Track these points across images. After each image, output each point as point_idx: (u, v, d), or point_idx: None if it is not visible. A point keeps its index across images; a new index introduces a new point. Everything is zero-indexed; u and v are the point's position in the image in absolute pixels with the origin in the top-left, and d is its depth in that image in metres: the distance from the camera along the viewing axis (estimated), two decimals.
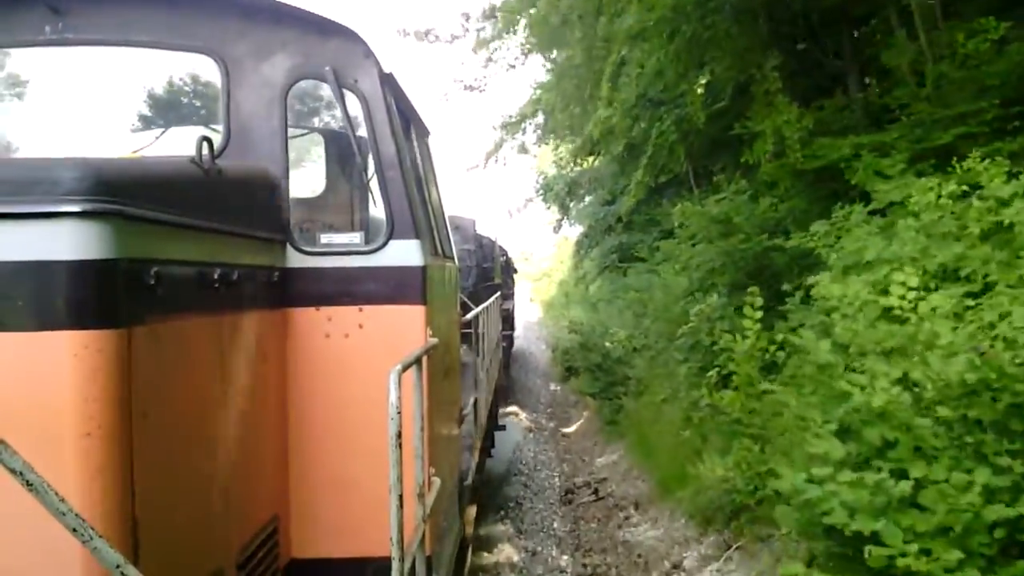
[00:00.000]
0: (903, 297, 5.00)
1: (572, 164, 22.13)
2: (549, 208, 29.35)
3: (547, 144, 24.43)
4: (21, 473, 1.44)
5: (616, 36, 10.29)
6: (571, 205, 27.68)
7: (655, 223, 17.35)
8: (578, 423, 15.39)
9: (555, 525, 9.29)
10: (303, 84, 3.75)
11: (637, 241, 18.28)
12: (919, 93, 7.84)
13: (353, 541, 3.57)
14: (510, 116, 20.19)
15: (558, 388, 20.13)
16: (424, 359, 3.37)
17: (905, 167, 6.77)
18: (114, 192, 2.10)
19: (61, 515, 1.50)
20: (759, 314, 6.02)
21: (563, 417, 16.64)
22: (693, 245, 9.94)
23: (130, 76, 4.27)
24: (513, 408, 16.19)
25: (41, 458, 1.76)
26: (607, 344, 13.83)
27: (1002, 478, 3.09)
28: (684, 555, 6.92)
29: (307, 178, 5.28)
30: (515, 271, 27.11)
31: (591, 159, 20.31)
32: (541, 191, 27.70)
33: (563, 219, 29.45)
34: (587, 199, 26.08)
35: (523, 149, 27.67)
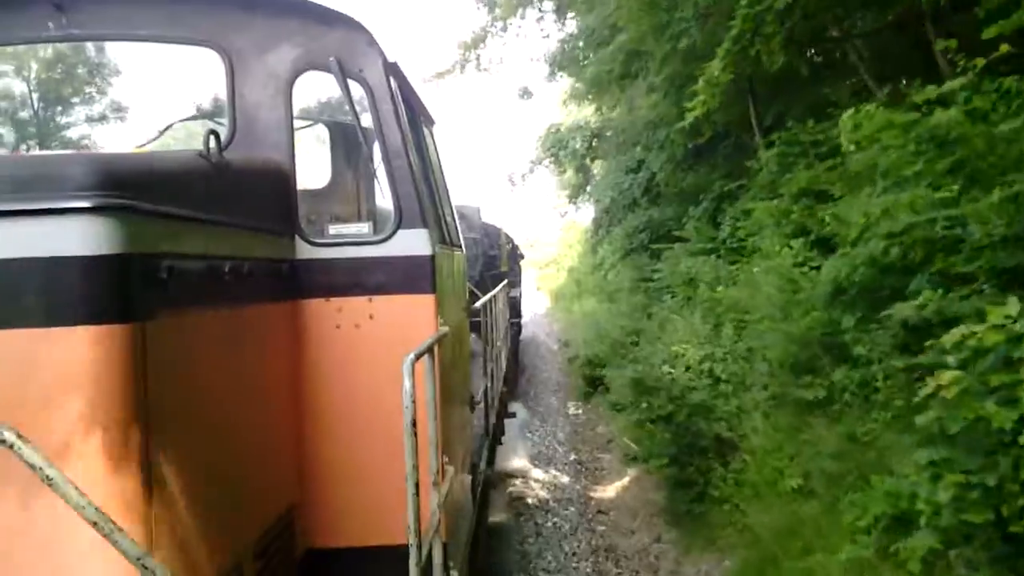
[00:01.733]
0: None
1: (595, 104, 16.90)
2: (563, 172, 23.40)
3: (563, 77, 18.96)
4: (40, 468, 1.46)
5: None
6: (592, 165, 21.89)
7: (706, 186, 13.13)
8: (619, 483, 9.88)
9: None
10: (308, 75, 3.74)
11: (672, 216, 14.38)
12: None
13: (368, 530, 3.59)
14: None
15: (580, 411, 14.54)
16: (436, 348, 3.38)
17: None
18: (124, 187, 2.11)
19: (81, 508, 1.51)
20: None
21: (593, 467, 10.99)
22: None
23: (135, 71, 4.27)
24: (520, 462, 10.64)
25: (58, 453, 1.78)
26: (669, 371, 8.70)
27: None
28: None
29: (313, 169, 5.28)
30: (521, 258, 26.89)
31: (622, 91, 14.61)
32: (553, 148, 21.62)
33: (581, 187, 23.73)
34: (596, 175, 21.22)
35: (526, 93, 22.00)
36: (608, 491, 9.77)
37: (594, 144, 21.09)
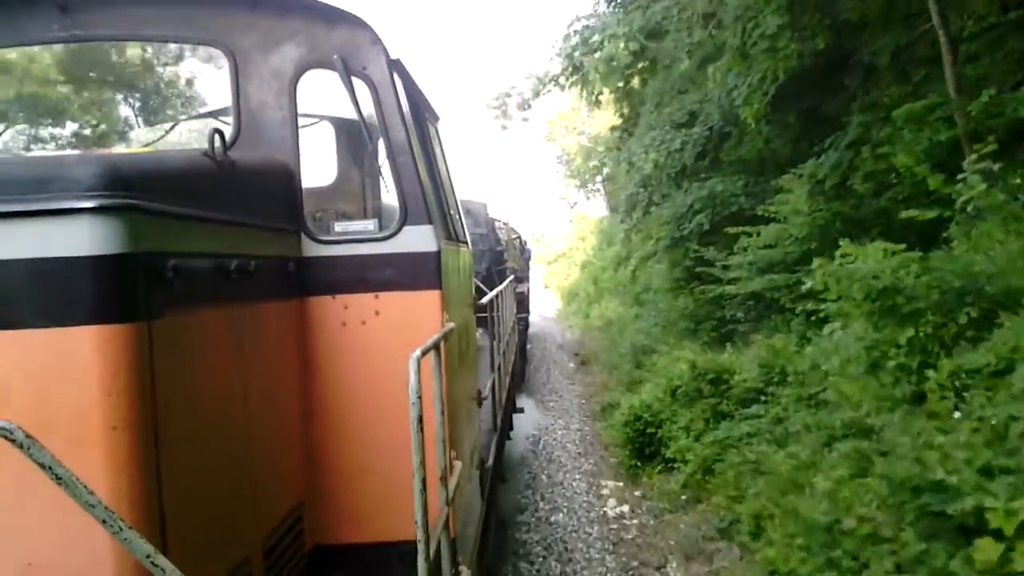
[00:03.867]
0: None
1: None
2: (591, 95, 15.98)
3: None
4: (50, 467, 1.46)
5: None
6: (641, 91, 15.02)
7: (796, 141, 9.21)
8: None
9: None
10: (312, 73, 3.75)
11: (742, 191, 10.79)
12: None
13: (377, 526, 3.60)
14: None
15: (624, 508, 8.45)
16: (442, 344, 3.38)
17: None
18: (130, 187, 2.11)
19: (91, 507, 1.52)
20: None
21: None
22: None
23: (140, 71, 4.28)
24: None
25: (68, 452, 1.79)
26: None
27: None
28: None
29: (319, 167, 5.29)
30: (528, 254, 26.77)
31: None
32: (578, 55, 14.43)
33: (625, 131, 17.12)
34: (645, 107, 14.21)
35: None
36: None
37: (645, 50, 13.87)
